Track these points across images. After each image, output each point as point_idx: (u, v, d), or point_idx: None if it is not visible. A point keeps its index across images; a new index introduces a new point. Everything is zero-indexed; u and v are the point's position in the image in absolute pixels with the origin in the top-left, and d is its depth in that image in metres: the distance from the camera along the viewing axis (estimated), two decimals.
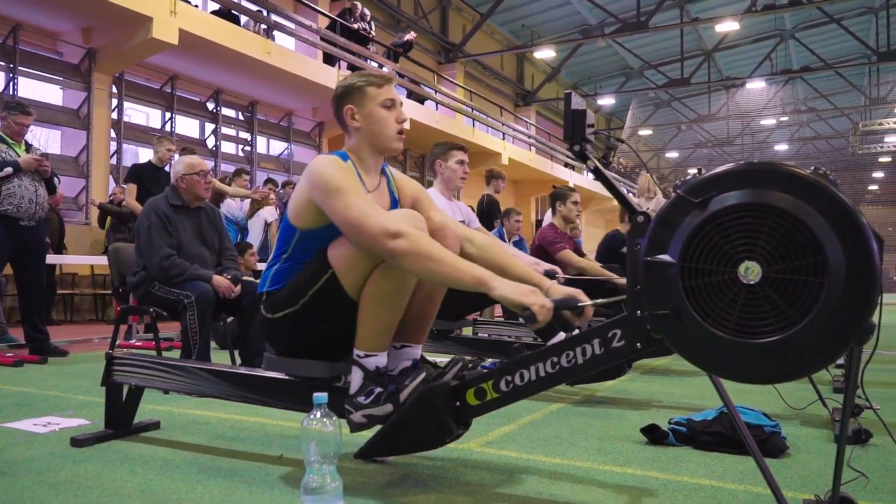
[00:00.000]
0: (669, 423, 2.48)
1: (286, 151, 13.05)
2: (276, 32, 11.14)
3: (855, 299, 1.30)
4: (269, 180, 8.49)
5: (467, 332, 4.02)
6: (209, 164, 11.05)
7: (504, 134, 17.71)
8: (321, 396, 1.44)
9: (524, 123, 20.13)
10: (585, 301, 1.77)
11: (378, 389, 1.84)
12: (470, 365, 1.93)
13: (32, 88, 9.29)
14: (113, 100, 9.93)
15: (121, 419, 2.45)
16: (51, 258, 5.77)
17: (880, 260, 1.37)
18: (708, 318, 1.42)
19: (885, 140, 28.12)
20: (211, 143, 11.66)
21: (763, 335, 1.37)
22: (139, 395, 2.46)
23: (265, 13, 10.55)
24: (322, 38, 11.59)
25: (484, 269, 1.71)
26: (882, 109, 25.67)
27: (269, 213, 7.35)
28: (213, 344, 5.21)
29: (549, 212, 4.98)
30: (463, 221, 3.48)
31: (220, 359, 4.00)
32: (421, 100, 14.53)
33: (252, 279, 4.11)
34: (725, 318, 1.40)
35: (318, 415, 1.42)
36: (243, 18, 10.64)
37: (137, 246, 3.52)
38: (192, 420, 2.72)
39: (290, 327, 1.96)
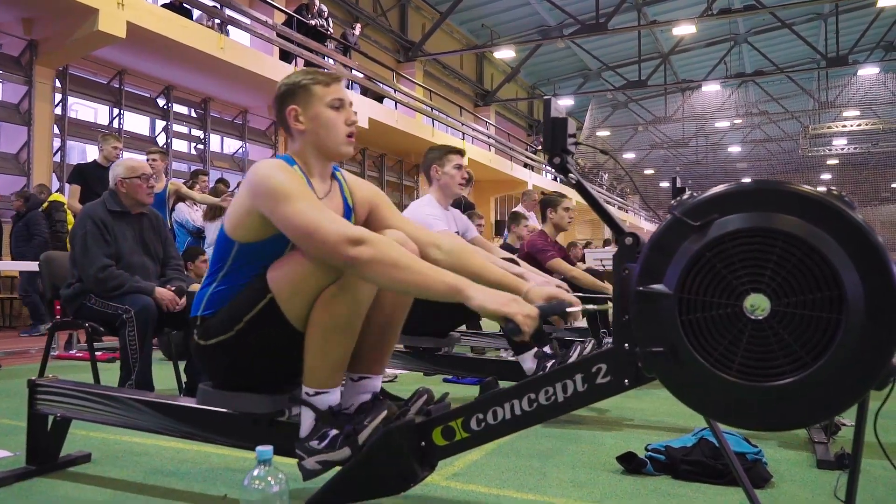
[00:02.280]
0: (646, 449, 2.33)
1: (241, 150, 12.67)
2: (231, 28, 10.79)
3: (876, 339, 1.16)
4: (220, 180, 8.17)
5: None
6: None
7: (464, 134, 17.59)
8: (265, 451, 1.24)
9: (483, 123, 20.03)
10: (572, 302, 1.62)
11: (333, 432, 1.63)
12: (436, 398, 1.75)
13: None
14: (57, 94, 9.47)
15: (46, 453, 2.20)
16: None
17: None
18: (709, 357, 1.26)
19: (833, 143, 28.86)
20: (162, 140, 11.23)
21: (771, 378, 1.22)
22: (66, 426, 2.22)
23: (219, 7, 10.18)
24: (278, 35, 11.26)
25: (458, 277, 1.53)
26: (830, 113, 26.30)
27: None
28: (159, 354, 4.94)
29: (540, 218, 4.82)
30: (457, 232, 3.25)
31: (166, 370, 3.74)
32: (380, 98, 14.29)
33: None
34: (729, 358, 1.25)
35: (262, 473, 1.22)
36: (196, 13, 10.28)
37: (72, 255, 3.24)
38: (128, 450, 2.48)
39: (225, 356, 1.76)
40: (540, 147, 23.54)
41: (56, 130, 9.41)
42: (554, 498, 2.00)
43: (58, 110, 9.45)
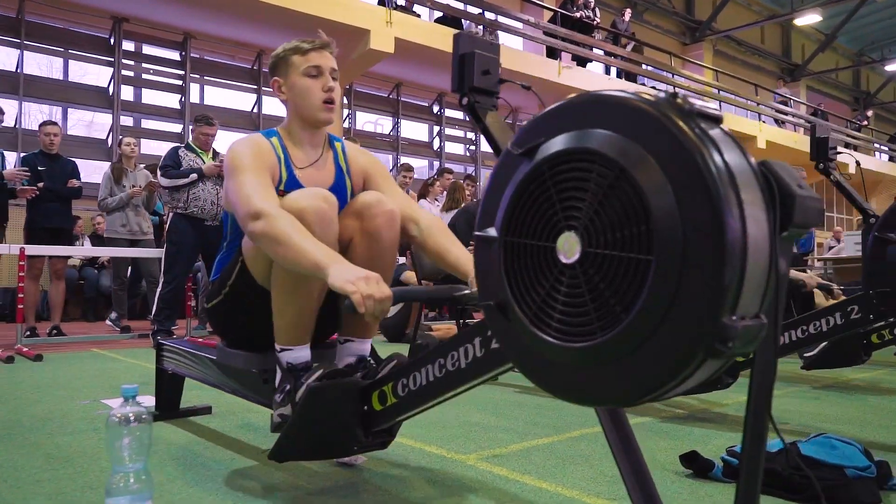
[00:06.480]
0: (726, 452, 1.94)
1: None
2: (501, 33, 11.28)
3: (696, 287, 0.85)
4: (468, 176, 8.57)
5: None
6: (435, 164, 11.58)
7: (760, 115, 15.92)
8: (129, 389, 1.33)
9: (789, 101, 17.88)
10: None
11: (287, 387, 1.68)
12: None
13: (276, 104, 10.44)
14: (345, 110, 10.81)
15: (169, 402, 2.58)
16: None
17: (775, 229, 0.89)
18: (529, 312, 1.04)
19: None
20: (437, 144, 12.14)
21: (585, 337, 0.96)
22: (181, 380, 2.57)
23: (484, 14, 10.73)
24: (544, 33, 11.43)
25: (332, 255, 1.46)
26: None
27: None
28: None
29: None
30: None
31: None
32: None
33: None
34: (547, 314, 1.01)
35: (126, 409, 1.32)
36: (466, 23, 10.95)
37: None
38: (244, 406, 2.77)
39: (219, 317, 1.92)
40: (866, 122, 20.32)
41: None
42: (567, 490, 1.77)
43: (346, 123, 10.78)
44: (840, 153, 2.70)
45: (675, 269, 0.86)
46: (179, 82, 9.49)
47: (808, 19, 17.22)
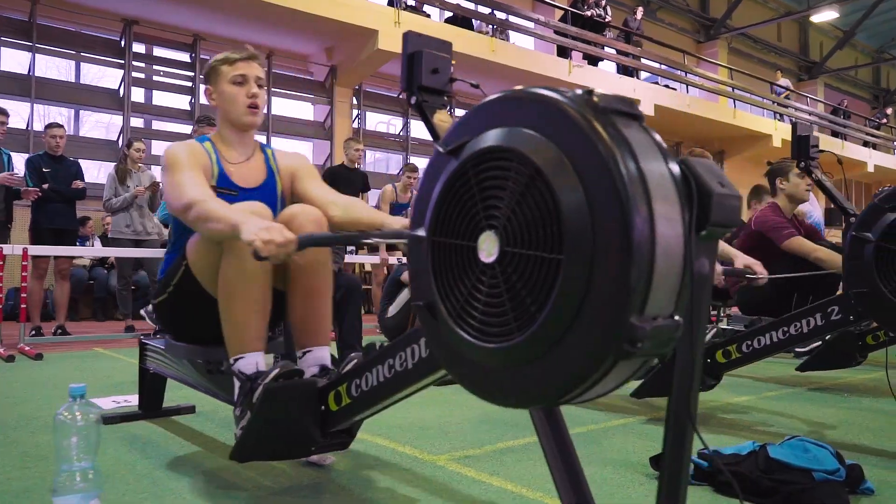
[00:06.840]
0: (697, 454, 1.91)
1: None
2: (513, 33, 11.27)
3: (605, 288, 0.84)
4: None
5: None
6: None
7: (775, 113, 15.72)
8: (77, 388, 1.34)
9: (805, 100, 17.65)
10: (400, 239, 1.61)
11: (244, 397, 1.68)
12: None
13: (287, 106, 10.50)
14: (354, 110, 10.84)
15: (152, 402, 2.59)
16: None
17: (690, 228, 0.88)
18: (452, 311, 1.03)
19: None
20: None
21: (502, 337, 0.95)
22: (164, 379, 2.58)
23: (494, 14, 10.73)
24: (555, 32, 11.39)
25: (247, 215, 1.54)
26: None
27: None
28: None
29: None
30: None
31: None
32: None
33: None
34: (469, 313, 1.00)
35: (74, 408, 1.32)
36: (476, 22, 10.96)
37: None
38: (228, 407, 2.78)
39: (165, 314, 2.00)
40: (885, 120, 20.03)
41: None
42: (532, 492, 1.76)
43: (356, 123, 10.81)
44: (823, 151, 2.65)
45: (584, 269, 0.85)
46: (189, 84, 9.55)
47: (826, 16, 16.99)
